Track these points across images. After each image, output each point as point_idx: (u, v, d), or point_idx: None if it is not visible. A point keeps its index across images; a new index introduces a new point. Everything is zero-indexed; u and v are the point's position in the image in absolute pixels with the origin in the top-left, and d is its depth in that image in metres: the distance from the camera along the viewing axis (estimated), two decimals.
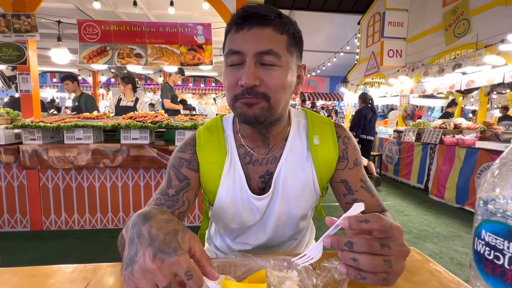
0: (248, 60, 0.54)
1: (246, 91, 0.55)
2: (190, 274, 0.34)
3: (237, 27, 0.55)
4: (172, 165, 0.68)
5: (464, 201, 3.19)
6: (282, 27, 0.55)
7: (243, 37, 0.54)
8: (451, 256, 2.14)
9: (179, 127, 2.46)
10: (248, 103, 0.55)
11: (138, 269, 0.34)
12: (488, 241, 0.28)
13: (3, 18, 2.74)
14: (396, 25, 5.85)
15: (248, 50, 0.53)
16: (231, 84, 0.56)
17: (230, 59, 0.56)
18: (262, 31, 0.54)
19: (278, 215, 0.69)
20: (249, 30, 0.54)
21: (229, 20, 0.59)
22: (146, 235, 0.38)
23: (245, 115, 0.56)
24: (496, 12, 3.84)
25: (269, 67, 0.55)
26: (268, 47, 0.53)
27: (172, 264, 0.34)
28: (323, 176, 0.69)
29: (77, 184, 2.49)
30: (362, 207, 0.42)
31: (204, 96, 12.49)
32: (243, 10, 0.55)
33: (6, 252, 2.12)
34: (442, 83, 4.81)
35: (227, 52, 0.57)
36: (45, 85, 11.26)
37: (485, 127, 3.72)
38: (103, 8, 4.20)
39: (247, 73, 0.53)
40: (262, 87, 0.55)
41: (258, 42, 0.53)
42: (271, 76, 0.55)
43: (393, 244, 0.38)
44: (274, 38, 0.54)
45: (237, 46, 0.54)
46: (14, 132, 2.46)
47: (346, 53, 9.32)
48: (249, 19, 0.54)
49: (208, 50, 3.06)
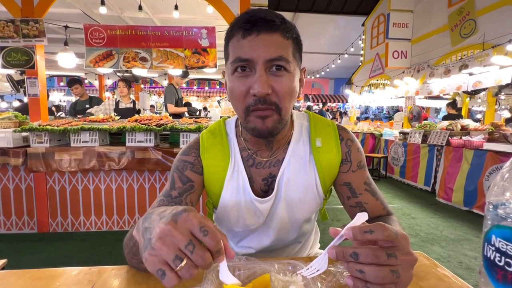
0: (258, 68, 0.52)
1: (258, 101, 0.53)
2: (204, 230, 0.33)
3: (244, 33, 0.53)
4: (176, 168, 0.68)
5: (472, 204, 3.14)
6: (288, 32, 0.54)
7: (251, 44, 0.52)
8: (459, 260, 2.10)
9: (184, 129, 2.47)
10: (262, 116, 0.55)
11: (156, 239, 0.34)
12: (499, 247, 0.27)
13: (12, 24, 2.80)
14: (401, 26, 5.82)
15: (259, 57, 0.52)
16: (241, 94, 0.55)
17: (238, 67, 0.54)
18: (270, 37, 0.52)
19: (281, 218, 0.69)
20: (257, 36, 0.52)
21: (230, 25, 0.57)
22: (156, 217, 0.38)
23: (259, 130, 0.56)
24: (503, 11, 3.79)
25: (279, 74, 0.54)
26: (278, 53, 0.52)
27: (185, 221, 0.34)
28: (326, 178, 0.68)
29: (83, 186, 2.52)
30: (365, 216, 0.41)
31: (209, 99, 12.56)
32: (248, 15, 0.53)
33: (14, 254, 2.14)
34: (449, 84, 4.75)
35: (234, 60, 0.54)
36: (52, 89, 11.45)
37: (493, 129, 3.66)
38: (109, 13, 4.26)
39: (260, 81, 0.52)
40: (274, 96, 0.54)
41: (268, 48, 0.52)
42: (281, 83, 0.54)
43: (400, 253, 0.36)
44: (282, 44, 0.53)
45: (246, 54, 0.52)
46: (22, 135, 2.50)
47: (351, 54, 9.28)
48: (256, 25, 0.52)
49: (212, 53, 3.08)
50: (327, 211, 0.82)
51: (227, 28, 0.58)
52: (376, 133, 5.73)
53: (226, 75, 0.60)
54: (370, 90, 7.75)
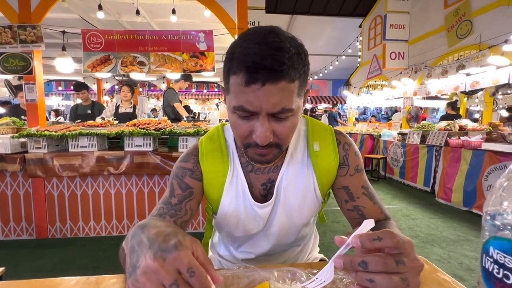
0: (261, 118, 0.52)
1: (260, 145, 0.55)
2: (192, 271, 0.32)
3: (247, 80, 0.49)
4: (175, 175, 0.68)
5: (471, 204, 3.14)
6: (294, 72, 0.50)
7: (255, 95, 0.50)
8: (460, 261, 2.09)
9: (182, 133, 2.47)
10: (261, 154, 0.57)
11: (141, 272, 0.33)
12: (497, 258, 0.26)
13: (10, 30, 2.80)
14: (398, 28, 5.86)
15: (262, 109, 0.51)
16: (243, 133, 0.56)
17: (241, 113, 0.54)
18: (275, 87, 0.49)
19: (281, 223, 0.69)
20: (262, 86, 0.49)
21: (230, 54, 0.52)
22: (146, 241, 0.37)
23: (257, 160, 0.60)
24: (499, 12, 3.82)
25: (282, 119, 0.54)
26: (282, 105, 0.51)
27: (174, 260, 0.33)
28: (324, 182, 0.69)
29: (81, 191, 2.51)
30: (372, 223, 0.39)
31: (207, 102, 12.57)
32: (252, 60, 0.48)
33: (12, 261, 2.13)
34: (446, 84, 4.78)
35: (237, 107, 0.53)
36: (50, 93, 11.44)
37: (491, 129, 3.67)
38: (107, 18, 4.27)
39: (263, 134, 0.52)
40: (275, 138, 0.55)
41: (272, 101, 0.50)
42: (284, 127, 0.55)
43: (407, 260, 0.36)
44: (288, 92, 0.51)
45: (250, 106, 0.51)
46: (20, 141, 2.49)
47: (348, 56, 9.31)
48: (262, 73, 0.48)
49: (210, 56, 3.08)
50: (326, 213, 0.83)
51: (227, 52, 0.54)
52: (375, 134, 5.74)
53: (226, 103, 0.58)
54: (368, 91, 7.78)
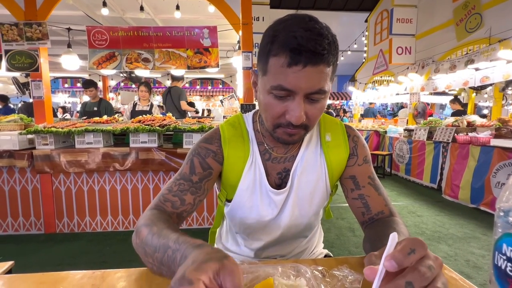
0: (298, 98, 0.54)
1: (291, 125, 0.57)
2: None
3: (290, 62, 0.52)
4: (197, 153, 0.69)
5: (479, 201, 3.09)
6: (331, 58, 0.53)
7: (296, 76, 0.52)
8: (466, 259, 2.07)
9: (187, 130, 2.48)
10: (291, 134, 0.60)
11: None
12: (510, 256, 0.25)
13: (16, 27, 2.82)
14: (405, 22, 5.75)
15: (300, 89, 0.53)
16: (276, 114, 0.58)
17: (278, 92, 0.55)
18: (315, 69, 0.52)
19: (293, 210, 0.71)
20: (303, 68, 0.51)
21: (272, 36, 0.54)
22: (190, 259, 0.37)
23: (285, 141, 0.62)
24: (509, 5, 3.72)
25: (315, 100, 0.56)
26: (319, 86, 0.54)
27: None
28: (334, 173, 0.71)
29: (88, 187, 2.54)
30: (396, 238, 0.35)
31: (212, 98, 12.57)
32: (297, 42, 0.50)
33: (22, 254, 2.17)
34: (455, 79, 4.68)
35: (275, 86, 0.54)
36: (57, 91, 11.56)
37: (500, 124, 3.60)
38: (111, 14, 4.28)
39: (298, 114, 0.54)
40: (306, 120, 0.57)
41: (311, 82, 0.53)
42: (315, 108, 0.57)
43: (432, 261, 0.33)
44: (324, 75, 0.54)
45: (289, 85, 0.53)
46: (28, 138, 2.53)
47: (354, 51, 9.21)
48: (304, 55, 0.51)
49: (214, 52, 3.07)
50: (331, 210, 0.83)
51: (267, 35, 0.55)
52: (380, 131, 5.68)
53: (260, 84, 0.60)
54: (374, 87, 7.69)
